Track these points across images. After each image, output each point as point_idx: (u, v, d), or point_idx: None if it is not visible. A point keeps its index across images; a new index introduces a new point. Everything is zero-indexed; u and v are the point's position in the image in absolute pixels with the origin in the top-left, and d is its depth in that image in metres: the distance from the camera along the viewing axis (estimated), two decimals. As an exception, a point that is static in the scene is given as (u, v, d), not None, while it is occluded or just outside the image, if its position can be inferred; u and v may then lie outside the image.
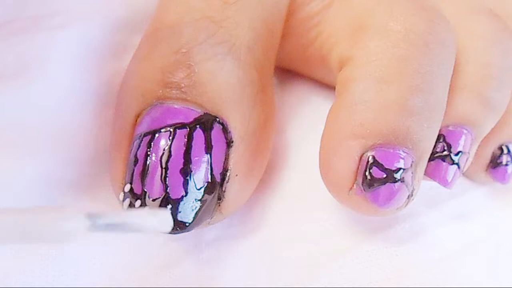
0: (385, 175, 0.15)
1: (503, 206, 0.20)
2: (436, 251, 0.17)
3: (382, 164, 0.15)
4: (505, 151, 0.19)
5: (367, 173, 0.15)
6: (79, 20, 0.19)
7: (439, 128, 0.16)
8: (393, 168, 0.15)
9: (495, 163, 0.19)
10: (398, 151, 0.15)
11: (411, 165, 0.15)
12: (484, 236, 0.18)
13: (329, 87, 0.20)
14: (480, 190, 0.20)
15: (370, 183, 0.15)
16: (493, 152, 0.19)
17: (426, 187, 0.18)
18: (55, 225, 0.11)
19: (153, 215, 0.12)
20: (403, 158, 0.15)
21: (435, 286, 0.17)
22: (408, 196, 0.15)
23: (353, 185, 0.15)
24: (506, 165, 0.19)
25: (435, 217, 0.18)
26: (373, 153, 0.15)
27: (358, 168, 0.15)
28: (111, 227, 0.11)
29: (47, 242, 0.11)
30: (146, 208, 0.14)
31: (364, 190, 0.15)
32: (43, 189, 0.17)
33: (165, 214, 0.12)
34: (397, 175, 0.15)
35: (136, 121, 0.15)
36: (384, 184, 0.15)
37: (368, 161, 0.15)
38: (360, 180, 0.15)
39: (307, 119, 0.20)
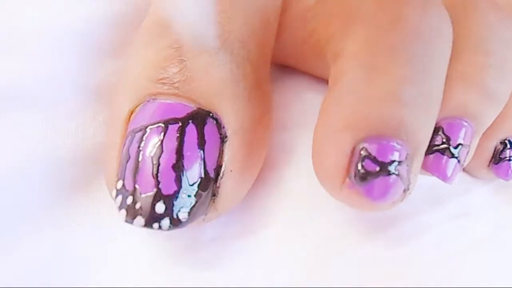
0: (378, 168, 0.14)
1: (506, 204, 0.19)
2: (438, 250, 0.17)
3: (375, 157, 0.14)
4: (508, 145, 0.18)
5: (359, 166, 0.14)
6: (79, 14, 0.19)
7: (435, 120, 0.15)
8: (387, 161, 0.14)
9: (497, 158, 0.18)
10: (391, 143, 0.14)
11: (406, 157, 0.14)
12: (487, 235, 0.18)
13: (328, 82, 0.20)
14: (483, 188, 0.19)
15: (363, 176, 0.14)
16: (495, 147, 0.18)
17: (428, 185, 0.18)
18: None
19: None
20: (397, 150, 0.14)
21: (438, 285, 0.16)
22: (404, 190, 0.14)
23: (345, 179, 0.15)
24: (510, 160, 0.18)
25: (437, 216, 0.18)
26: (365, 145, 0.14)
27: (350, 161, 0.14)
28: None
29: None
30: None
31: (357, 184, 0.14)
32: (40, 188, 0.17)
33: None
34: (391, 168, 0.14)
35: (130, 118, 0.15)
36: (378, 177, 0.14)
37: (360, 154, 0.14)
38: (352, 174, 0.14)
39: (305, 115, 0.20)
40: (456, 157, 0.16)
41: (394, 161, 0.14)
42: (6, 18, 0.18)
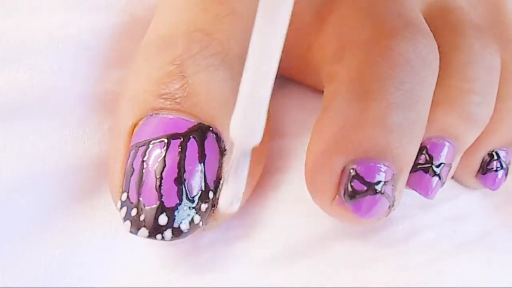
0: (365, 188, 0.15)
1: (494, 209, 0.20)
2: (429, 252, 0.18)
3: (363, 177, 0.15)
4: (495, 157, 0.19)
5: (348, 186, 0.15)
6: (83, 25, 0.19)
7: (420, 142, 0.16)
8: (374, 181, 0.15)
9: (485, 169, 0.19)
10: (378, 165, 0.15)
11: (392, 178, 0.15)
12: (476, 237, 0.19)
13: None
14: (472, 193, 0.20)
15: (351, 195, 0.15)
16: (483, 159, 0.19)
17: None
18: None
19: None
20: (383, 172, 0.15)
21: (428, 286, 0.17)
22: (389, 207, 0.16)
23: (335, 197, 0.16)
24: (496, 171, 0.19)
25: (428, 219, 0.19)
26: (354, 166, 0.15)
27: (340, 180, 0.15)
28: None
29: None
30: None
31: (345, 201, 0.15)
32: (49, 195, 0.17)
33: None
34: (378, 187, 0.15)
35: (133, 131, 0.16)
36: (365, 196, 0.15)
37: (349, 174, 0.15)
38: (342, 192, 0.15)
39: (303, 122, 0.20)
40: (438, 175, 0.17)
41: (380, 181, 0.15)
42: (13, 30, 0.18)
